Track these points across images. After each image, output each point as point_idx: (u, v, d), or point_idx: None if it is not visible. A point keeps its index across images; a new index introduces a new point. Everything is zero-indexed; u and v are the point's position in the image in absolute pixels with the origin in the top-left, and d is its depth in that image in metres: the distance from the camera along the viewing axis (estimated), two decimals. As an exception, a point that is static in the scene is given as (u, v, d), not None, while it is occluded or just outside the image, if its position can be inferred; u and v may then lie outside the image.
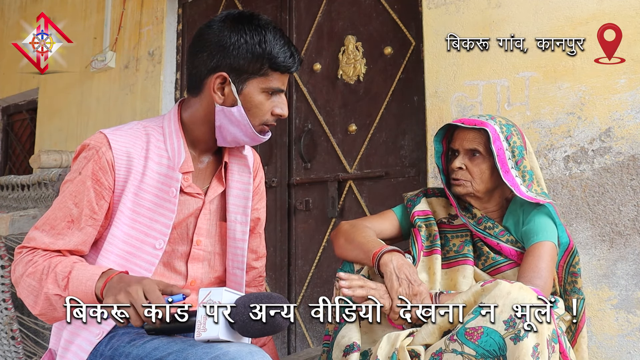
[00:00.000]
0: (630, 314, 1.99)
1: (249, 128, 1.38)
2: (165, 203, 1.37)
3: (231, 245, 1.50)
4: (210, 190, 1.47)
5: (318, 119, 2.95)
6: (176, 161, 1.38)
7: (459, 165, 1.68)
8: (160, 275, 1.40)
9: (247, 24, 1.36)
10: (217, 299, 1.13)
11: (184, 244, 1.43)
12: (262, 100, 1.37)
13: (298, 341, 2.92)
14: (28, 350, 2.76)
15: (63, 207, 1.32)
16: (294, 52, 1.38)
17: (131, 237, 1.35)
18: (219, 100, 1.37)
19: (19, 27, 4.14)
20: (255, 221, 1.60)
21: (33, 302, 1.27)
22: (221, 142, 1.44)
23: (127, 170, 1.35)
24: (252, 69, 1.35)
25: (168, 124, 1.42)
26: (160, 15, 3.49)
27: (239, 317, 1.12)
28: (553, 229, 1.63)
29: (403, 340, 1.35)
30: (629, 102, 2.05)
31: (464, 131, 1.69)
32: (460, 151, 1.69)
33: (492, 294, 1.28)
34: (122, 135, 1.37)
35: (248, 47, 1.34)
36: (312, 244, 2.91)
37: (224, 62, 1.35)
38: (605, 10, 2.11)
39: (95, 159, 1.32)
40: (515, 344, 1.22)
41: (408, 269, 1.44)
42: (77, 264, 1.26)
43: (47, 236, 1.30)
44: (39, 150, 3.48)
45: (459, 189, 1.69)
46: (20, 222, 2.69)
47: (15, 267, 1.30)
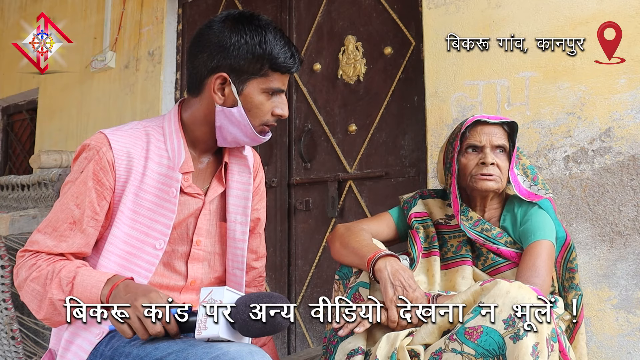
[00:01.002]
0: (630, 314, 1.99)
1: (249, 128, 1.38)
2: (166, 203, 1.37)
3: (231, 245, 1.50)
4: (210, 190, 1.46)
5: (318, 119, 2.95)
6: (176, 161, 1.38)
7: (492, 161, 1.66)
8: (161, 276, 1.41)
9: (247, 24, 1.36)
10: (219, 298, 1.14)
11: (183, 244, 1.43)
12: (262, 101, 1.37)
13: (298, 341, 2.92)
14: (28, 350, 2.76)
15: (65, 208, 1.32)
16: (294, 52, 1.38)
17: (132, 237, 1.35)
18: (219, 100, 1.36)
19: (19, 27, 4.14)
20: (255, 221, 1.60)
21: (37, 307, 1.27)
22: (221, 143, 1.44)
23: (128, 170, 1.35)
24: (252, 70, 1.35)
25: (168, 124, 1.42)
26: (160, 15, 3.49)
27: (239, 316, 1.13)
28: (551, 226, 1.63)
29: (402, 340, 1.35)
30: (629, 102, 2.05)
31: (491, 127, 1.69)
32: (487, 147, 1.67)
33: (491, 294, 1.28)
34: (122, 135, 1.37)
35: (248, 48, 1.34)
36: (312, 244, 2.91)
37: (225, 62, 1.34)
38: (605, 10, 2.11)
39: (96, 159, 1.32)
40: (515, 343, 1.22)
41: (403, 274, 1.43)
42: (81, 269, 1.26)
43: (50, 239, 1.30)
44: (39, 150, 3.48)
45: (490, 184, 1.66)
46: (20, 222, 2.69)
47: (18, 270, 1.30)
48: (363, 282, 1.49)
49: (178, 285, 1.43)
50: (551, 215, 1.65)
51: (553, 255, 1.60)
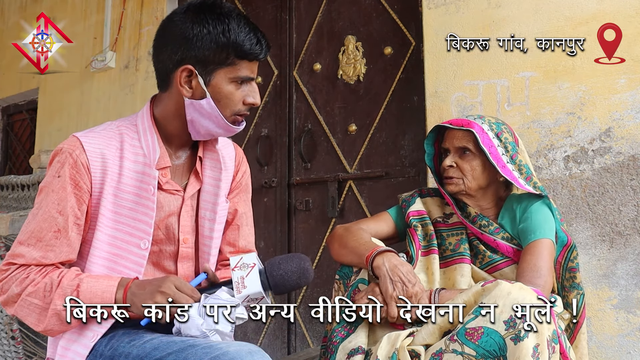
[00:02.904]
0: (630, 314, 1.99)
1: (221, 119, 1.35)
2: (145, 201, 1.35)
3: (200, 241, 1.47)
4: (189, 186, 1.44)
5: (318, 119, 2.95)
6: (152, 157, 1.36)
7: (450, 164, 1.69)
8: (151, 276, 1.39)
9: (209, 13, 1.33)
10: (252, 261, 1.28)
11: (170, 244, 1.42)
12: (231, 90, 1.34)
13: (298, 341, 2.92)
14: (28, 350, 2.76)
15: (47, 217, 1.29)
16: (260, 38, 1.35)
17: (116, 238, 1.34)
18: (187, 94, 1.34)
19: (19, 27, 4.14)
20: (233, 213, 1.55)
21: (36, 320, 1.26)
22: (195, 136, 1.41)
23: (103, 171, 1.33)
24: (218, 59, 1.32)
25: (141, 121, 1.40)
26: (160, 15, 3.49)
27: (275, 272, 1.28)
28: (551, 224, 1.63)
29: (403, 340, 1.35)
30: (629, 102, 2.05)
31: (453, 131, 1.71)
32: (451, 150, 1.71)
33: (492, 294, 1.29)
34: (94, 137, 1.35)
35: (212, 37, 1.31)
36: (312, 244, 2.91)
37: (189, 54, 1.32)
38: (605, 10, 2.11)
39: (70, 162, 1.30)
40: (516, 344, 1.22)
41: (402, 269, 1.43)
42: (82, 276, 1.26)
43: (36, 250, 1.28)
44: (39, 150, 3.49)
45: (451, 187, 1.70)
46: (20, 222, 2.69)
47: (4, 285, 1.28)
48: (362, 278, 1.50)
49: None
50: (554, 211, 1.65)
51: (553, 254, 1.60)
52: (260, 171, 3.09)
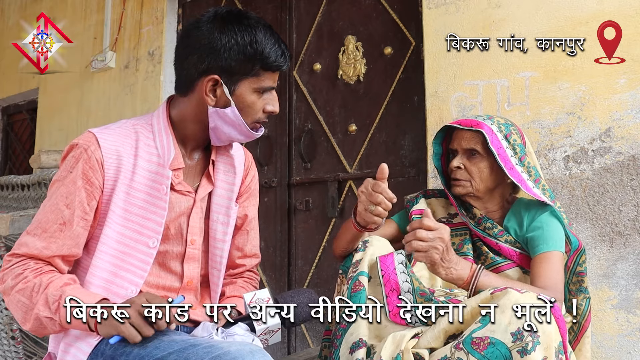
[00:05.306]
0: (630, 314, 1.99)
1: (244, 127, 1.37)
2: (157, 201, 1.36)
3: (212, 244, 1.49)
4: (200, 188, 1.46)
5: (318, 119, 2.95)
6: (166, 158, 1.37)
7: (457, 165, 1.67)
8: (156, 276, 1.40)
9: (237, 24, 1.34)
10: (265, 297, 1.32)
11: (178, 244, 1.43)
12: (254, 100, 1.37)
13: (298, 341, 2.92)
14: (28, 350, 2.75)
15: (54, 209, 1.30)
16: (284, 49, 1.37)
17: (124, 236, 1.35)
18: (211, 102, 1.35)
19: (19, 27, 4.14)
20: (242, 218, 1.57)
21: (22, 318, 1.27)
22: (215, 142, 1.44)
23: (117, 169, 1.33)
24: (244, 70, 1.34)
25: (157, 121, 1.41)
26: (160, 15, 3.49)
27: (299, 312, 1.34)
28: (561, 235, 1.60)
29: (408, 342, 1.34)
30: (629, 102, 2.05)
31: (462, 131, 1.69)
32: (459, 151, 1.69)
33: (500, 303, 1.27)
34: (110, 134, 1.36)
35: (239, 49, 1.32)
36: (312, 244, 2.91)
37: (216, 64, 1.33)
38: (606, 10, 2.11)
39: (85, 158, 1.31)
40: (522, 357, 1.20)
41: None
42: (68, 288, 1.25)
43: (40, 240, 1.29)
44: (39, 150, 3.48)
45: (458, 189, 1.69)
46: (20, 222, 2.69)
47: (4, 276, 1.29)
48: (362, 271, 1.49)
49: (174, 286, 1.43)
50: (561, 219, 1.64)
51: (563, 265, 1.60)
52: (260, 171, 3.08)
